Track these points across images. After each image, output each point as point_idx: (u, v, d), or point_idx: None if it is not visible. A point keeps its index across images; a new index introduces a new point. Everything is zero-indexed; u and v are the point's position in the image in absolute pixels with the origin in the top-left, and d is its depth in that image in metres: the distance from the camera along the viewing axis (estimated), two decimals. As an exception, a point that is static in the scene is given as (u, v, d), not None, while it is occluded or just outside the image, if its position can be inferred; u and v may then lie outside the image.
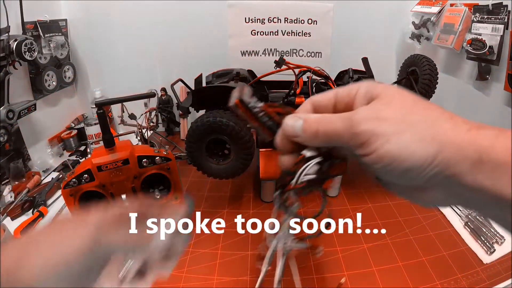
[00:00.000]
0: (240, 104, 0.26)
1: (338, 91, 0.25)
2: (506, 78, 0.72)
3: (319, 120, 0.23)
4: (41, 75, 0.96)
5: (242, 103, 0.26)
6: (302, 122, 0.23)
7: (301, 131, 0.23)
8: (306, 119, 0.23)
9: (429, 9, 0.96)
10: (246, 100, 0.26)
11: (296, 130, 0.24)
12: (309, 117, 0.24)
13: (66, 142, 1.10)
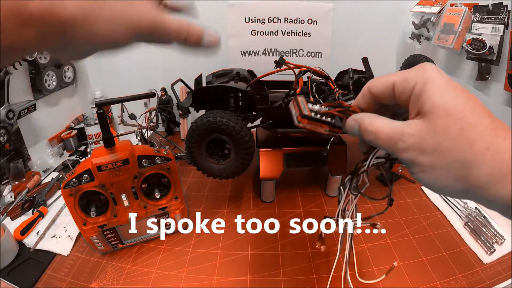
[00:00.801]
0: (305, 120, 0.27)
1: (395, 81, 0.25)
2: (506, 78, 0.72)
3: (368, 133, 0.26)
4: (41, 75, 0.96)
5: (306, 117, 0.27)
6: (358, 127, 0.26)
7: (359, 133, 0.27)
8: (360, 127, 0.26)
9: (429, 9, 0.96)
10: (307, 113, 0.27)
11: (355, 133, 0.27)
12: (362, 125, 0.26)
13: (66, 142, 1.10)
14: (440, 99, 0.22)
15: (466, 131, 0.21)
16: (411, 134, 0.23)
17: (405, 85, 0.24)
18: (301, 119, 0.27)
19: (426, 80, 0.23)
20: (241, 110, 0.80)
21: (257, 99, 0.79)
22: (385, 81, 0.26)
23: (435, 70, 0.24)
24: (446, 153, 0.22)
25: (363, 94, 0.28)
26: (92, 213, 0.61)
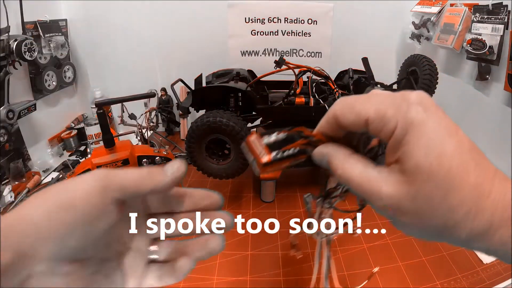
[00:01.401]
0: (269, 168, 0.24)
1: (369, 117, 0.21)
2: (506, 78, 0.72)
3: (341, 179, 0.23)
4: (41, 75, 0.96)
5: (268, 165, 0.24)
6: (327, 163, 0.24)
7: (328, 166, 0.24)
8: (330, 165, 0.24)
9: (429, 9, 0.96)
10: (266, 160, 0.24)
11: (324, 166, 0.25)
12: (331, 164, 0.24)
13: (66, 142, 1.10)
14: (425, 160, 0.20)
15: (449, 197, 0.20)
16: (389, 196, 0.21)
17: (382, 125, 0.21)
18: (263, 169, 0.24)
19: (409, 126, 0.20)
20: (241, 110, 0.80)
21: (257, 99, 0.79)
22: (356, 113, 0.22)
23: (420, 109, 0.20)
24: (426, 217, 0.21)
25: (328, 121, 0.24)
26: (92, 213, 0.61)
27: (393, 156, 0.21)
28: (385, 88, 0.87)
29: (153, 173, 0.23)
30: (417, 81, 0.92)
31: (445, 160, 0.20)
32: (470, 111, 0.87)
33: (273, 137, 0.25)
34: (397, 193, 0.21)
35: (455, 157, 0.20)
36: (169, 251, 0.26)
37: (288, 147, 0.25)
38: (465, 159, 0.20)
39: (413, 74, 0.93)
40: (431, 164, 0.20)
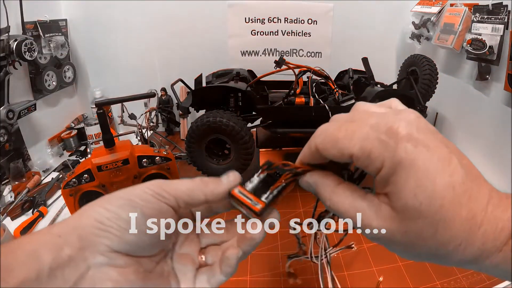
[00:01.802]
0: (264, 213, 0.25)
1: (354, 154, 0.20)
2: (506, 78, 0.72)
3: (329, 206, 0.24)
4: (41, 75, 0.96)
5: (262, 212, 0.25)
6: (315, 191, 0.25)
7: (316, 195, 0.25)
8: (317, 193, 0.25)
9: (429, 9, 0.96)
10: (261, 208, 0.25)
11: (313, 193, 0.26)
12: (319, 195, 0.24)
13: (66, 142, 1.10)
14: (415, 201, 0.19)
15: (440, 233, 0.20)
16: (380, 228, 0.21)
17: (367, 163, 0.20)
18: (260, 217, 0.25)
19: (397, 166, 0.19)
20: (241, 110, 0.80)
21: (257, 99, 0.79)
22: (339, 149, 0.21)
23: (409, 146, 0.19)
24: (417, 249, 0.21)
25: (310, 153, 0.24)
26: (92, 213, 0.61)
27: (382, 189, 0.21)
28: (385, 88, 0.87)
29: (207, 182, 0.25)
30: (417, 81, 0.92)
31: (436, 199, 0.19)
32: (470, 111, 0.87)
33: (255, 181, 0.26)
34: (387, 228, 0.21)
35: (447, 194, 0.19)
36: (215, 255, 0.28)
37: (276, 185, 0.25)
38: (457, 194, 0.19)
39: (413, 74, 0.93)
40: (421, 204, 0.19)
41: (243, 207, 0.25)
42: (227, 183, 0.25)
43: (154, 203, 0.23)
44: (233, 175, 0.26)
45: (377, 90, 0.81)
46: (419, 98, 0.87)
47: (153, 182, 0.24)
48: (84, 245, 0.21)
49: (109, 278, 0.21)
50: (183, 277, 0.26)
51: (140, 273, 0.23)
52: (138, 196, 0.23)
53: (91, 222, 0.21)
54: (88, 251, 0.21)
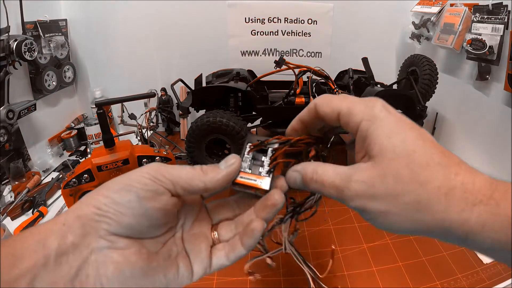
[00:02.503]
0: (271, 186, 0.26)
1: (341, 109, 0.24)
2: (506, 78, 0.72)
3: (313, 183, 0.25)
4: (41, 75, 0.96)
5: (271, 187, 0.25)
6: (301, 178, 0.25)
7: (302, 184, 0.26)
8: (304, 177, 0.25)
9: (429, 9, 0.96)
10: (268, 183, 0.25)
11: (298, 185, 0.26)
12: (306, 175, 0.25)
13: (66, 142, 1.10)
14: (388, 142, 0.22)
15: (417, 172, 0.21)
16: (360, 181, 0.22)
17: (349, 118, 0.23)
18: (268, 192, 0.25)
19: (373, 119, 0.22)
20: (241, 110, 0.80)
21: (257, 99, 0.79)
22: (332, 107, 0.25)
23: (384, 108, 0.23)
24: (399, 196, 0.21)
25: (309, 110, 0.27)
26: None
27: (361, 151, 0.23)
28: (385, 88, 0.87)
29: (206, 170, 0.25)
30: (417, 81, 0.92)
31: (408, 143, 0.21)
32: (470, 111, 0.87)
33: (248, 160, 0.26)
34: (366, 177, 0.22)
35: (418, 142, 0.22)
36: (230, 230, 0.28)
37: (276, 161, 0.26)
38: (428, 145, 0.22)
39: (413, 74, 0.93)
40: (395, 145, 0.21)
41: (250, 190, 0.26)
42: (225, 170, 0.25)
43: (150, 185, 0.23)
44: (232, 159, 0.26)
45: (377, 90, 0.81)
46: (419, 98, 0.87)
47: (152, 166, 0.24)
48: (86, 231, 0.22)
49: (111, 261, 0.22)
50: (197, 257, 0.27)
51: (142, 254, 0.23)
52: (135, 180, 0.23)
53: (91, 209, 0.22)
54: (90, 237, 0.22)
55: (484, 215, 0.19)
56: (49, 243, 0.20)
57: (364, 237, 0.69)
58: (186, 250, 0.27)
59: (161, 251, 0.25)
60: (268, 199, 0.26)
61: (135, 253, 0.23)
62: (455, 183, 0.20)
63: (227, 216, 0.28)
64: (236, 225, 0.28)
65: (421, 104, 0.86)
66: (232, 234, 0.27)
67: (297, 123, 0.28)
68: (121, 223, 0.22)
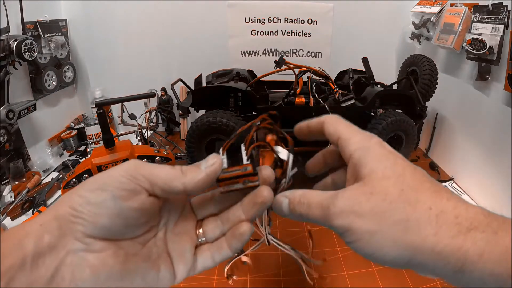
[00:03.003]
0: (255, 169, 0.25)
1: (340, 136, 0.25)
2: (506, 78, 0.72)
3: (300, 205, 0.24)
4: (41, 75, 0.96)
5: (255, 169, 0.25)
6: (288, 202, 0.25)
7: (288, 210, 0.25)
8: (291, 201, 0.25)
9: (429, 9, 0.96)
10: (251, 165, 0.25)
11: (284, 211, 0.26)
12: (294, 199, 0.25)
13: (66, 142, 1.10)
14: (379, 164, 0.22)
15: (407, 192, 0.20)
16: (345, 198, 0.22)
17: (347, 145, 0.24)
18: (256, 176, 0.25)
19: (367, 148, 0.23)
20: (241, 110, 0.80)
21: (257, 99, 0.79)
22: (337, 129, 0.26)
23: (379, 142, 0.24)
24: (385, 214, 0.20)
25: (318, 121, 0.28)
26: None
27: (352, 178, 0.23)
28: (385, 88, 0.87)
29: (186, 171, 0.24)
30: (417, 81, 0.92)
31: (398, 166, 0.22)
32: (470, 111, 0.87)
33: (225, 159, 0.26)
34: (352, 195, 0.22)
35: (409, 169, 0.22)
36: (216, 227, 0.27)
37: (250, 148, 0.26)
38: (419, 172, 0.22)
39: (413, 74, 0.93)
40: (385, 167, 0.22)
41: (236, 181, 0.24)
42: (205, 170, 0.24)
43: (126, 184, 0.22)
44: (212, 159, 0.24)
45: (377, 90, 0.81)
46: (419, 98, 0.87)
47: (130, 163, 0.23)
48: (62, 232, 0.21)
49: (86, 264, 0.21)
50: (180, 258, 0.25)
51: (120, 257, 0.22)
52: (111, 178, 0.22)
53: (67, 209, 0.22)
54: (66, 238, 0.21)
55: (481, 242, 0.18)
56: (26, 244, 0.20)
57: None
58: (169, 250, 0.26)
59: (140, 252, 0.24)
60: (257, 196, 0.25)
61: (112, 256, 0.22)
62: (447, 207, 0.19)
63: (212, 211, 0.28)
64: (222, 221, 0.27)
65: (421, 104, 0.86)
66: (218, 230, 0.27)
67: (305, 125, 0.29)
68: (96, 224, 0.22)
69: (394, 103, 0.85)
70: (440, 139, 0.98)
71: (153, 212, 0.25)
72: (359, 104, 0.80)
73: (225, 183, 0.25)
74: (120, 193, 0.22)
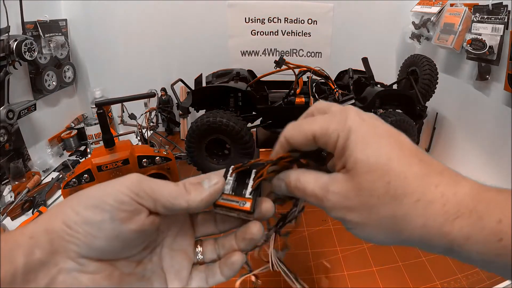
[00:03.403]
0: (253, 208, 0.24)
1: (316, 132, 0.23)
2: (506, 78, 0.72)
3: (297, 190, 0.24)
4: (41, 75, 0.96)
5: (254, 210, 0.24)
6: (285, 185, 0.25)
7: (287, 192, 0.26)
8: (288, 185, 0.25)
9: (429, 9, 0.96)
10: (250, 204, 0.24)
11: (283, 191, 0.26)
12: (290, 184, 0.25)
13: (66, 142, 1.10)
14: (362, 154, 0.21)
15: (393, 185, 0.20)
16: (336, 192, 0.22)
17: (326, 139, 0.22)
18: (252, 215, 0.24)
19: (348, 132, 0.21)
20: (241, 110, 0.80)
21: (257, 99, 0.79)
22: (304, 132, 0.23)
23: (357, 117, 0.22)
24: (374, 210, 0.20)
25: (281, 146, 0.26)
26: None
27: (339, 164, 0.23)
28: (385, 88, 0.87)
29: (189, 189, 0.23)
30: (417, 81, 0.92)
31: (382, 153, 0.21)
32: (470, 111, 0.87)
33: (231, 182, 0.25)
34: (341, 190, 0.22)
35: (394, 151, 0.21)
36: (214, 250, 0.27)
37: (257, 181, 0.25)
38: (405, 154, 0.21)
39: (413, 74, 0.93)
40: (369, 157, 0.21)
41: (233, 212, 0.24)
42: (209, 190, 0.23)
43: (127, 204, 0.21)
44: (215, 178, 0.24)
45: (377, 90, 0.81)
46: (419, 98, 0.87)
47: (132, 179, 0.22)
48: (54, 249, 0.20)
49: (80, 285, 0.20)
50: (176, 276, 0.25)
51: (114, 278, 0.22)
52: (112, 196, 0.21)
53: (60, 225, 0.20)
54: (58, 256, 0.20)
55: (466, 228, 0.18)
56: (16, 259, 0.19)
57: (364, 237, 0.69)
58: (164, 267, 0.25)
59: (135, 271, 0.23)
60: (246, 232, 0.25)
61: (106, 278, 0.21)
62: (435, 196, 0.19)
63: (211, 231, 0.27)
64: (218, 246, 0.27)
65: (421, 104, 0.86)
66: (216, 253, 0.26)
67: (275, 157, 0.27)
68: (92, 246, 0.20)
69: (394, 103, 0.85)
70: (440, 139, 0.98)
71: (152, 232, 0.24)
72: (359, 104, 0.80)
73: (220, 209, 0.24)
74: (120, 215, 0.21)
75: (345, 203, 0.22)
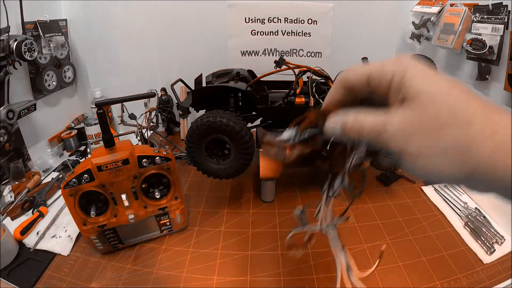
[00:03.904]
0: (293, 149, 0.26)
1: (371, 71, 0.24)
2: (506, 78, 0.72)
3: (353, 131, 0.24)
4: (41, 75, 0.96)
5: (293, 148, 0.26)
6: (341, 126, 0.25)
7: (342, 135, 0.25)
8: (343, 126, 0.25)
9: (429, 9, 0.96)
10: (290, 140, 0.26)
11: (337, 134, 0.25)
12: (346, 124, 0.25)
13: (66, 142, 1.10)
14: (424, 84, 0.21)
15: (458, 113, 0.19)
16: (397, 122, 0.21)
17: (381, 78, 0.23)
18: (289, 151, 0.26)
19: (405, 70, 0.22)
20: (241, 110, 0.80)
21: (257, 99, 0.79)
22: (359, 73, 0.24)
23: (412, 59, 0.22)
24: (440, 135, 0.20)
25: (335, 87, 0.26)
26: (92, 213, 0.61)
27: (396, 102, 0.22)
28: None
29: None
30: (417, 81, 0.92)
31: (443, 84, 0.20)
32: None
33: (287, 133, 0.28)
34: (404, 118, 0.21)
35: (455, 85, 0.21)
36: None
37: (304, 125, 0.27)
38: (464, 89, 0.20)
39: (413, 74, 0.93)
40: (430, 86, 0.20)
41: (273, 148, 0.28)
42: None
43: None
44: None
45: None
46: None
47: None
48: None
49: None
50: None
51: None
52: None
53: None
54: None
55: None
56: None
57: (364, 237, 0.69)
58: None
59: None
60: None
61: None
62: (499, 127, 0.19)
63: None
64: None
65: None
66: None
67: (327, 104, 0.27)
68: None
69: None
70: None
71: None
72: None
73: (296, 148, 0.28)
74: None
75: (407, 130, 0.21)
